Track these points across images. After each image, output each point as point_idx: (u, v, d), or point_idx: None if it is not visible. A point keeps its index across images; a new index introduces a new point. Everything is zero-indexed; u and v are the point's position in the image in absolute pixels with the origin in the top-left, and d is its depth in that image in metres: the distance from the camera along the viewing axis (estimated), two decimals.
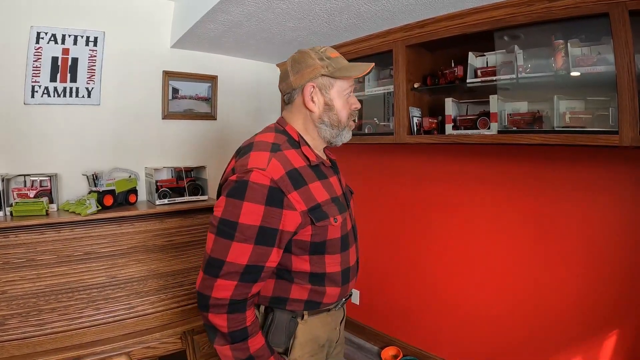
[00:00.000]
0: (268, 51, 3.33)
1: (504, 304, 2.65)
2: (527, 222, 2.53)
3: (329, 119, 1.42)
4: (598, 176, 2.30)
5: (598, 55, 2.04)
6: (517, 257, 2.60)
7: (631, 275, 2.19)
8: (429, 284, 3.02)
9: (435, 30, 2.42)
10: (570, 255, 2.39)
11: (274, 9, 2.35)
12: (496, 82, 2.30)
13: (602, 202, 2.29)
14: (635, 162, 2.18)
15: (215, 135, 3.42)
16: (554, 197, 2.43)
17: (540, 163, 2.45)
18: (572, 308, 2.38)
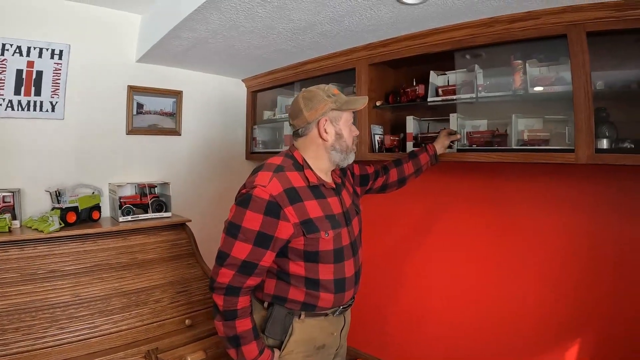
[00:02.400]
0: (234, 67, 3.34)
1: (467, 314, 2.71)
2: (488, 235, 2.61)
3: (340, 146, 1.67)
4: (556, 192, 2.38)
5: (556, 75, 2.11)
6: (479, 269, 2.66)
7: (588, 283, 2.29)
8: (391, 296, 3.05)
9: (398, 49, 2.48)
10: (529, 266, 2.48)
11: (238, 27, 2.37)
12: (456, 100, 2.35)
13: (560, 217, 2.37)
14: (591, 179, 2.28)
15: (179, 151, 3.40)
16: (513, 212, 2.50)
17: (500, 179, 2.52)
18: (533, 317, 2.46)
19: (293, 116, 1.70)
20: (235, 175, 3.78)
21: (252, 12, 2.15)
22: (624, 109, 2.13)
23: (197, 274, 2.65)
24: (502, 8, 2.04)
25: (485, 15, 2.13)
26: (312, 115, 1.63)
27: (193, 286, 2.57)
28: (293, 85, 3.34)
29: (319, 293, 1.61)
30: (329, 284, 1.62)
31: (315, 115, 1.63)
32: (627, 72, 2.08)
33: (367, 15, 2.18)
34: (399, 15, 2.17)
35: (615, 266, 2.22)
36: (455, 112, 2.38)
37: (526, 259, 2.49)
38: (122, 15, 2.97)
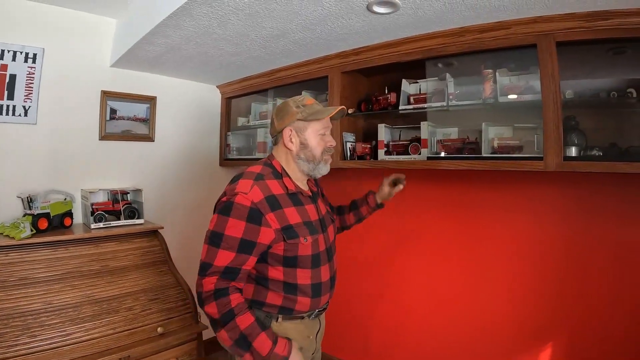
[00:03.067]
0: (208, 73, 3.32)
1: (445, 319, 2.75)
2: (462, 242, 2.65)
3: (305, 155, 1.70)
4: (526, 198, 2.43)
5: (526, 84, 2.14)
6: (454, 275, 2.70)
7: (559, 287, 2.34)
8: (371, 304, 3.06)
9: (370, 57, 2.50)
10: (503, 272, 2.52)
11: (211, 34, 2.36)
12: (427, 109, 2.38)
13: (531, 223, 2.42)
14: (560, 185, 2.32)
15: (152, 157, 3.36)
16: (486, 219, 2.53)
17: (472, 186, 2.55)
18: (507, 320, 2.51)
19: (270, 125, 1.81)
20: (208, 181, 3.76)
21: (224, 19, 2.15)
22: (593, 117, 2.19)
23: (170, 281, 2.63)
24: (473, 18, 2.06)
25: (455, 25, 2.16)
26: (280, 125, 1.70)
27: (165, 294, 2.55)
28: (267, 92, 3.34)
29: (297, 297, 1.63)
30: (306, 288, 1.64)
31: (282, 125, 1.70)
32: (597, 81, 2.13)
33: (338, 23, 2.19)
34: (370, 24, 2.19)
35: (585, 269, 2.27)
36: (426, 120, 2.40)
37: (499, 264, 2.53)
38: (98, 19, 2.92)
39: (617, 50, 2.10)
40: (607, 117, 2.20)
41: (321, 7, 2.01)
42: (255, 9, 2.04)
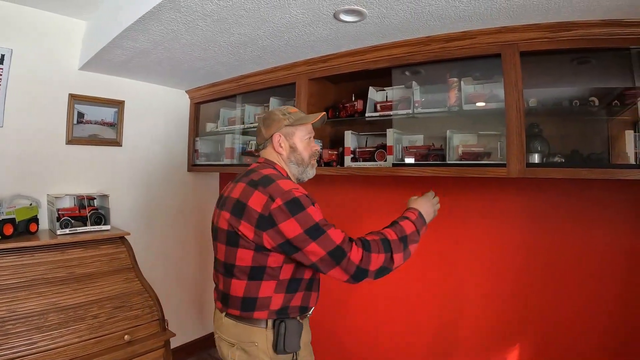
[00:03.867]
0: (176, 78, 3.30)
1: (411, 324, 2.78)
2: (428, 247, 2.65)
3: (295, 159, 1.79)
4: (490, 204, 2.47)
5: (490, 92, 2.18)
6: (420, 281, 2.73)
7: (523, 290, 2.39)
8: (344, 312, 3.07)
9: (338, 65, 2.51)
10: (468, 276, 2.56)
11: (179, 39, 2.35)
12: (393, 116, 2.40)
13: (495, 228, 2.47)
14: (523, 191, 2.38)
15: (120, 162, 3.31)
16: (451, 224, 2.57)
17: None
18: (473, 324, 2.56)
19: (256, 134, 1.88)
20: (176, 187, 3.73)
21: (192, 24, 2.15)
22: (557, 125, 2.24)
23: (136, 288, 2.60)
24: (439, 27, 2.09)
25: (422, 34, 2.19)
26: (268, 132, 1.78)
27: (132, 301, 2.52)
28: (235, 98, 3.33)
29: (312, 292, 1.71)
30: (317, 283, 1.76)
31: (270, 132, 1.77)
32: (560, 89, 2.18)
33: (306, 31, 2.20)
34: (337, 32, 2.21)
35: (548, 273, 2.33)
36: (392, 127, 2.42)
37: (464, 269, 2.58)
38: (67, 21, 2.87)
39: (581, 60, 2.15)
40: (570, 124, 2.25)
41: (289, 15, 2.02)
42: (223, 15, 2.03)
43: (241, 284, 1.57)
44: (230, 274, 1.59)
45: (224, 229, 1.59)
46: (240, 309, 1.59)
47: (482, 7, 1.87)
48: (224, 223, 1.60)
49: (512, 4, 1.83)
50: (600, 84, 2.16)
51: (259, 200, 1.50)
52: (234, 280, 1.58)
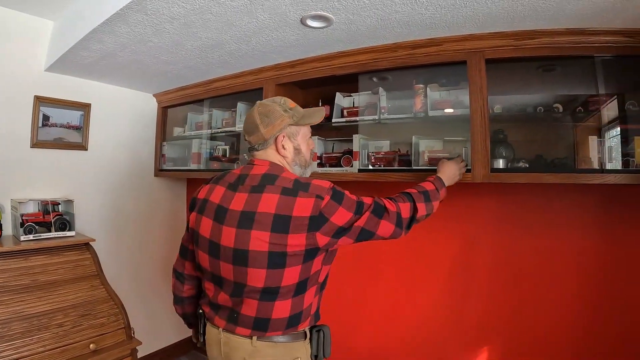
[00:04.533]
0: (144, 81, 3.26)
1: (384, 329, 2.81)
2: (393, 252, 2.72)
3: (299, 161, 1.63)
4: (456, 209, 2.51)
5: (456, 98, 2.20)
6: (389, 286, 2.77)
7: (491, 293, 2.46)
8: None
9: (305, 70, 2.51)
10: (436, 280, 2.61)
11: (147, 42, 2.32)
12: (359, 122, 2.41)
13: (461, 233, 2.52)
14: (487, 196, 2.44)
15: (86, 166, 3.23)
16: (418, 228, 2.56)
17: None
18: (444, 326, 2.61)
19: (249, 132, 1.59)
20: (143, 192, 3.67)
21: (160, 27, 2.12)
22: (521, 131, 2.28)
23: (102, 296, 2.55)
24: (405, 34, 2.11)
25: (389, 41, 2.20)
26: (269, 132, 1.54)
27: (97, 309, 2.47)
28: (203, 102, 3.30)
29: (324, 290, 1.63)
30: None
31: (272, 132, 1.55)
32: (526, 96, 2.22)
33: (273, 36, 2.20)
34: (304, 38, 2.21)
35: (515, 276, 2.40)
36: (358, 133, 2.43)
37: (432, 273, 2.62)
38: (34, 21, 2.79)
39: (547, 67, 2.20)
40: (535, 130, 2.30)
41: (256, 20, 2.01)
42: (190, 19, 2.02)
43: (287, 303, 1.44)
44: (271, 297, 1.43)
45: (263, 251, 1.38)
46: (285, 328, 1.46)
47: (448, 14, 1.89)
48: (259, 245, 1.38)
49: (477, 12, 1.85)
50: (565, 91, 2.21)
51: (306, 205, 1.39)
52: (278, 303, 1.43)
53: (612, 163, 1.97)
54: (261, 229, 1.37)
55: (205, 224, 1.52)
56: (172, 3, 1.84)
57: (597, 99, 2.05)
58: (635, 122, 2.01)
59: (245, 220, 1.40)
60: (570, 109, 2.11)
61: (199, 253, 1.56)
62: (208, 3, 1.84)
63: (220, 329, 1.51)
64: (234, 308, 1.48)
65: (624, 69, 2.12)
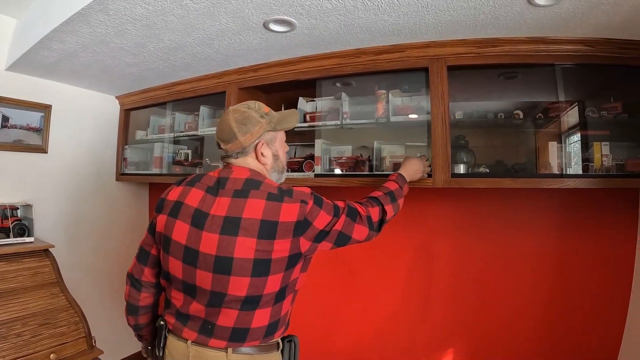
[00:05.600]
0: (106, 83, 3.20)
1: (340, 333, 2.84)
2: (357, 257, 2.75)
3: (277, 167, 1.59)
4: (417, 213, 2.55)
5: (417, 104, 2.23)
6: (348, 290, 2.81)
7: (454, 298, 2.52)
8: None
9: (268, 75, 2.50)
10: (398, 285, 2.65)
11: (108, 43, 2.29)
12: (321, 127, 2.43)
13: (424, 236, 2.57)
14: (448, 200, 2.50)
15: (46, 170, 3.13)
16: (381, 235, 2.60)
17: None
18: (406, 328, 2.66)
19: (225, 140, 1.50)
20: (105, 197, 3.57)
21: (122, 28, 2.09)
22: (483, 137, 2.33)
23: (61, 304, 2.49)
24: (369, 40, 2.13)
25: (352, 46, 2.21)
26: (247, 140, 1.47)
27: (57, 317, 2.41)
28: (166, 105, 3.24)
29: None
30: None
31: (251, 140, 1.48)
32: (488, 103, 2.27)
33: (236, 39, 2.19)
34: (267, 42, 2.20)
35: (476, 279, 2.46)
36: (320, 138, 2.44)
37: (394, 278, 2.65)
38: None
39: (509, 75, 2.24)
40: (496, 136, 2.35)
41: (218, 23, 2.00)
42: (152, 20, 2.00)
43: (266, 312, 1.40)
44: (252, 307, 1.38)
45: (249, 259, 1.33)
46: (263, 336, 1.42)
47: (410, 21, 1.91)
48: (245, 251, 1.32)
49: (440, 19, 1.87)
50: (526, 98, 2.26)
51: (292, 210, 1.37)
52: (259, 311, 1.39)
53: (572, 168, 2.03)
54: (248, 235, 1.32)
55: (180, 228, 1.41)
56: (134, 4, 1.82)
57: (557, 106, 2.10)
58: (595, 128, 2.07)
59: (230, 226, 1.34)
60: (531, 116, 2.15)
61: (170, 260, 1.44)
62: (170, 5, 1.83)
63: (190, 341, 1.40)
64: (207, 319, 1.40)
65: (585, 76, 2.18)
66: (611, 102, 2.09)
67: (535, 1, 1.66)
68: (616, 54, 1.99)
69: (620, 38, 1.96)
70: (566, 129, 2.10)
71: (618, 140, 2.07)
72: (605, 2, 1.65)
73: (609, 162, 2.00)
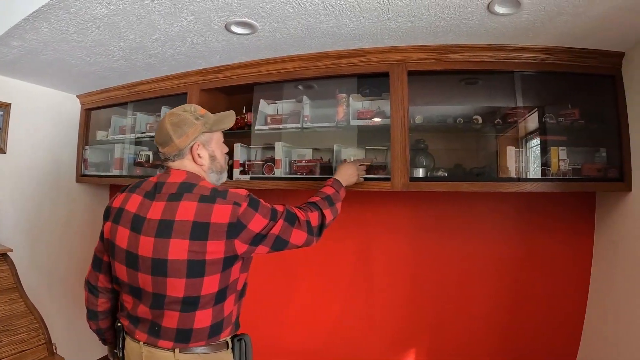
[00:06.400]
0: (67, 81, 3.13)
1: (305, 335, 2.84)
2: (315, 260, 2.78)
3: (215, 167, 1.62)
4: (375, 216, 2.62)
5: (378, 109, 2.25)
6: (305, 294, 2.83)
7: (415, 298, 2.56)
8: None
9: (230, 77, 2.50)
10: (357, 288, 2.68)
11: (69, 41, 2.25)
12: (282, 129, 2.43)
13: (384, 239, 2.61)
14: (407, 203, 2.54)
15: (3, 171, 3.00)
16: (338, 236, 2.65)
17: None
18: (365, 331, 2.67)
19: (162, 144, 1.54)
20: (64, 199, 3.44)
21: (82, 27, 2.06)
22: (442, 141, 2.37)
23: (20, 310, 2.40)
24: (330, 44, 2.14)
25: (314, 50, 2.22)
26: (183, 142, 1.51)
27: (16, 324, 2.33)
28: (127, 105, 3.19)
29: (243, 298, 1.62)
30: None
31: (186, 142, 1.52)
32: (448, 107, 2.29)
33: (198, 41, 2.18)
34: (229, 44, 2.20)
35: (436, 281, 2.50)
36: (280, 141, 2.44)
37: (353, 280, 2.67)
38: None
39: (469, 80, 2.28)
40: (455, 140, 2.39)
41: (180, 24, 1.99)
42: (113, 20, 1.97)
43: (207, 312, 1.43)
44: (192, 308, 1.40)
45: (182, 260, 1.36)
46: (208, 337, 1.45)
47: (372, 27, 1.93)
48: (178, 253, 1.36)
49: (401, 25, 1.90)
50: (486, 103, 2.30)
51: (224, 211, 1.40)
52: (199, 312, 1.41)
53: (530, 172, 2.09)
54: (180, 237, 1.35)
55: (122, 234, 1.47)
56: (95, 2, 1.79)
57: (515, 112, 2.14)
58: (553, 134, 2.13)
59: (164, 229, 1.37)
60: (490, 121, 2.19)
61: (116, 265, 1.50)
62: (132, 4, 1.81)
63: (142, 342, 1.45)
64: (154, 320, 1.44)
65: (544, 83, 2.25)
66: (569, 108, 2.15)
67: (495, 10, 1.70)
68: (575, 62, 2.06)
69: (579, 47, 2.02)
70: (524, 134, 2.15)
71: (575, 145, 2.14)
72: (565, 12, 1.70)
73: (565, 167, 2.07)
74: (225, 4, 1.77)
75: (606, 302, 2.15)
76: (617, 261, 2.08)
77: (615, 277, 2.09)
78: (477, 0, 1.66)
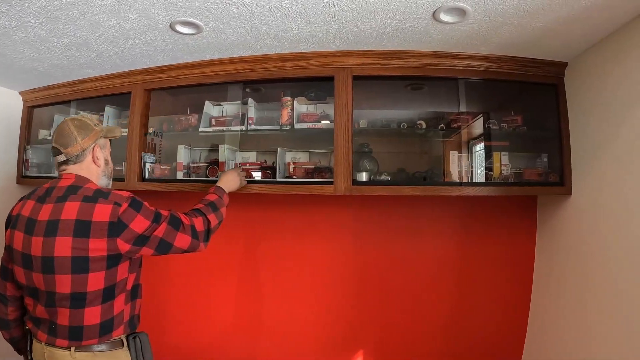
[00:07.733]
0: (9, 77, 3.00)
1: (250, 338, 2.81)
2: (260, 263, 2.77)
3: (107, 172, 1.73)
4: (317, 219, 2.63)
5: (322, 112, 2.27)
6: (257, 297, 2.79)
7: (359, 299, 2.59)
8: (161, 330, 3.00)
9: (174, 77, 2.47)
10: (304, 290, 2.68)
11: (11, 35, 2.18)
12: (226, 132, 2.42)
13: (326, 242, 2.63)
14: (350, 207, 2.57)
15: None
16: (282, 239, 2.69)
17: (268, 209, 2.71)
18: (315, 334, 2.68)
19: (65, 144, 1.61)
20: (5, 201, 3.13)
21: (24, 21, 2.00)
22: (387, 145, 2.40)
23: None
24: (275, 47, 2.14)
25: (259, 52, 2.22)
26: (87, 143, 1.62)
27: None
28: (70, 103, 3.07)
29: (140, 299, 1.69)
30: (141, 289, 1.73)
31: (89, 143, 1.63)
32: (393, 112, 2.36)
33: (142, 39, 2.14)
34: (174, 44, 2.17)
35: (381, 283, 2.54)
36: (224, 143, 2.43)
37: (300, 283, 2.68)
38: None
39: (415, 86, 2.31)
40: (399, 145, 2.44)
41: (124, 21, 1.96)
42: (56, 15, 1.93)
43: (96, 310, 1.49)
44: (80, 304, 1.46)
45: (67, 257, 1.42)
46: (99, 335, 1.50)
47: (317, 30, 1.94)
48: (63, 250, 1.42)
49: (346, 30, 1.91)
50: (432, 108, 2.34)
51: (105, 210, 1.47)
52: (88, 309, 1.47)
53: (473, 176, 2.14)
54: (64, 235, 1.43)
55: (18, 237, 1.54)
56: None
57: (459, 117, 2.18)
58: (496, 139, 2.18)
59: (51, 228, 1.45)
60: (434, 126, 2.23)
61: (15, 268, 1.56)
62: (75, 0, 1.78)
63: (43, 343, 1.52)
64: (51, 319, 1.50)
65: (488, 90, 2.30)
66: (512, 115, 2.21)
67: (440, 18, 1.74)
68: (518, 70, 2.12)
69: (524, 56, 2.09)
70: (467, 140, 2.20)
71: (517, 150, 2.21)
72: (510, 22, 1.75)
73: (507, 171, 2.13)
74: (170, 3, 1.76)
75: (549, 299, 2.23)
76: (559, 261, 2.16)
77: (557, 276, 2.17)
78: (423, 8, 1.69)
